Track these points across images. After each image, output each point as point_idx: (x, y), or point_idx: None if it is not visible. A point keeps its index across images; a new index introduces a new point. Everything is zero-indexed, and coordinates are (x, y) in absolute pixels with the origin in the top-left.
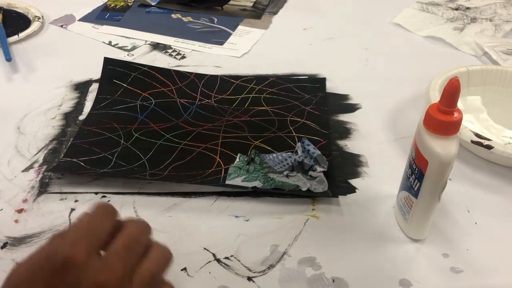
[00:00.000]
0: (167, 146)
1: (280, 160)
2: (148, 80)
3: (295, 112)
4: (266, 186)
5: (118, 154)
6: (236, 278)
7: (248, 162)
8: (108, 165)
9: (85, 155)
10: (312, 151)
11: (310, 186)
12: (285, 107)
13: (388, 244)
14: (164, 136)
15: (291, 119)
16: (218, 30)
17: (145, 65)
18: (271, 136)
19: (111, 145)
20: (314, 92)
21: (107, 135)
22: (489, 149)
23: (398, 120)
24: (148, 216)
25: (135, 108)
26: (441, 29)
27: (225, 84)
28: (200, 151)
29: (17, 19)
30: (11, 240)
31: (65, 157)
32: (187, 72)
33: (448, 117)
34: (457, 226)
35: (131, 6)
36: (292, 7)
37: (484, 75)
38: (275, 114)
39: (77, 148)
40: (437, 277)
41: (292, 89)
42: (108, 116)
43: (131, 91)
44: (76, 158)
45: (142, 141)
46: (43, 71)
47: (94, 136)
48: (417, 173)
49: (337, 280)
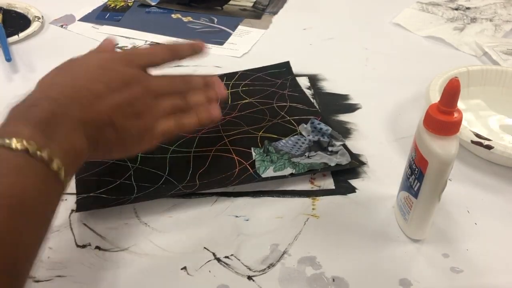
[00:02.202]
0: (178, 158)
1: (292, 144)
2: None
3: (276, 98)
4: (300, 171)
5: (134, 177)
6: (236, 277)
7: (266, 153)
8: (133, 190)
9: (100, 187)
10: (324, 128)
11: (336, 160)
12: (266, 95)
13: (388, 244)
14: (169, 148)
15: (277, 105)
16: (218, 30)
17: None
18: (269, 124)
19: (120, 171)
20: (284, 76)
21: (109, 162)
22: (489, 149)
23: (398, 120)
24: (149, 217)
25: None
26: (441, 29)
27: None
28: (213, 154)
29: (17, 19)
30: None
31: (80, 194)
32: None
33: (448, 117)
34: (457, 226)
35: (131, 6)
36: (292, 7)
37: (484, 75)
38: (261, 104)
39: (86, 182)
40: (437, 277)
41: (263, 78)
42: None
43: None
44: (93, 192)
45: (150, 159)
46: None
47: (95, 166)
48: (417, 173)
49: (337, 279)
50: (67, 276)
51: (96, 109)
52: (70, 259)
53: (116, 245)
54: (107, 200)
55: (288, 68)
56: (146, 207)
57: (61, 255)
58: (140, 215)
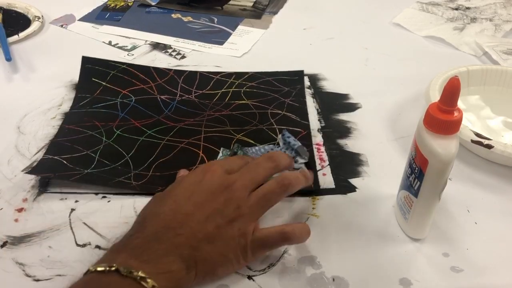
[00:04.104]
0: (149, 143)
1: (262, 152)
2: (127, 77)
3: (275, 104)
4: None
5: (100, 152)
6: (236, 276)
7: (231, 156)
8: (91, 164)
9: (67, 153)
10: (292, 143)
11: None
12: (265, 100)
13: (388, 244)
14: (146, 132)
15: (271, 111)
16: (218, 30)
17: (124, 62)
18: (253, 129)
19: (93, 143)
20: (293, 84)
21: (88, 133)
22: (489, 148)
23: (398, 120)
24: None
25: (115, 105)
26: (441, 29)
27: (205, 79)
28: (183, 146)
29: (17, 19)
30: (11, 239)
31: (47, 154)
32: (165, 68)
33: (448, 116)
34: (457, 226)
35: (131, 6)
36: (292, 7)
37: (484, 75)
38: (255, 107)
39: (59, 146)
40: (437, 276)
41: (271, 82)
42: (89, 115)
43: (111, 89)
44: (58, 155)
45: (124, 138)
46: (43, 71)
47: (75, 134)
48: (417, 173)
49: (337, 279)
50: (67, 275)
51: (187, 228)
52: (70, 258)
53: None
54: (65, 167)
55: (301, 77)
56: None
57: (61, 254)
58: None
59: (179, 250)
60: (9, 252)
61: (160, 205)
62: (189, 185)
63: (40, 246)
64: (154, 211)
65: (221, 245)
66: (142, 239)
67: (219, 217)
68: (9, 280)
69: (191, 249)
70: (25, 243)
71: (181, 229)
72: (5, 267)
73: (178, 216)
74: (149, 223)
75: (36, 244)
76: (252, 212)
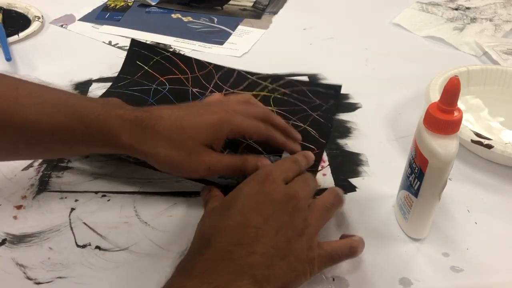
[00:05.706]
0: None
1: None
2: (169, 65)
3: (299, 116)
4: (233, 183)
5: None
6: None
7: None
8: None
9: None
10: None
11: None
12: (292, 110)
13: (388, 243)
14: None
15: (293, 123)
16: (218, 30)
17: (169, 50)
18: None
19: None
20: (326, 98)
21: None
22: (489, 148)
23: (398, 120)
24: (148, 216)
25: (149, 91)
26: (441, 29)
27: (241, 78)
28: None
29: (17, 19)
30: (10, 237)
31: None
32: (206, 62)
33: (448, 116)
34: (457, 226)
35: (131, 6)
36: (292, 7)
37: (484, 75)
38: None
39: None
40: (437, 276)
41: (305, 93)
42: (122, 96)
43: (150, 74)
44: None
45: None
46: (43, 71)
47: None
48: (417, 172)
49: (337, 279)
50: (68, 277)
51: (259, 245)
52: (70, 259)
53: (116, 244)
54: None
55: (337, 92)
56: (147, 206)
57: (61, 255)
58: (140, 214)
59: (252, 270)
60: (8, 252)
61: (223, 219)
62: (251, 195)
63: (40, 247)
64: (218, 226)
65: (293, 260)
66: (210, 260)
67: (290, 230)
68: (10, 282)
69: (264, 268)
70: (25, 243)
71: (253, 246)
72: (5, 268)
73: (249, 231)
74: (215, 239)
75: (36, 245)
76: (317, 224)
